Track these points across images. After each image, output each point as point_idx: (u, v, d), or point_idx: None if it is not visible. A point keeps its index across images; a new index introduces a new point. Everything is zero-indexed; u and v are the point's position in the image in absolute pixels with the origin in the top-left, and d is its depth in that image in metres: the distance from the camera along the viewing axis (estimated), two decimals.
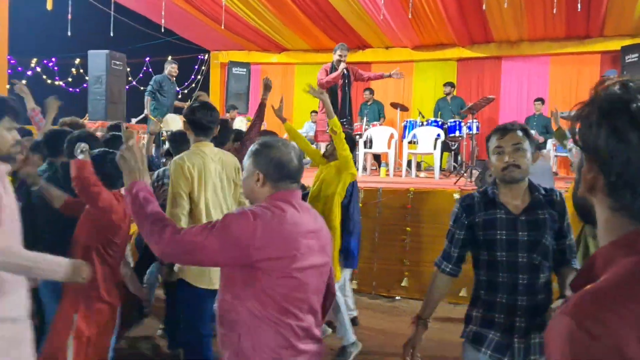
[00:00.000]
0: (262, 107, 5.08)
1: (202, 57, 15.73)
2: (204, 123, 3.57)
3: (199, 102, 3.84)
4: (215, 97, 14.81)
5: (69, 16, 8.89)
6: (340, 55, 7.72)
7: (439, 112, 10.83)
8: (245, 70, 13.67)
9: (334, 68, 7.82)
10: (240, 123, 10.41)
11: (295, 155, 2.11)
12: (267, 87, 5.17)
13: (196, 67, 16.00)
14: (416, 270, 6.43)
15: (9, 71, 10.45)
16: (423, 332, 2.67)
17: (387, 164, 9.51)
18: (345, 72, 7.71)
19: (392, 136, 9.59)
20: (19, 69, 15.59)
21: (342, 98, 7.74)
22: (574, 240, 2.59)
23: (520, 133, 2.47)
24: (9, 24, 9.30)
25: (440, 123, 9.70)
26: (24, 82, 6.31)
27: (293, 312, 2.00)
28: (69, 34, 8.92)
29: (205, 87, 15.42)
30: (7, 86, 9.95)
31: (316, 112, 11.78)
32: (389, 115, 11.57)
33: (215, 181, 3.56)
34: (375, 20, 10.52)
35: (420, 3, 9.50)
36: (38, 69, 16.43)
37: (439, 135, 9.21)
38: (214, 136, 3.71)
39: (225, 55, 14.57)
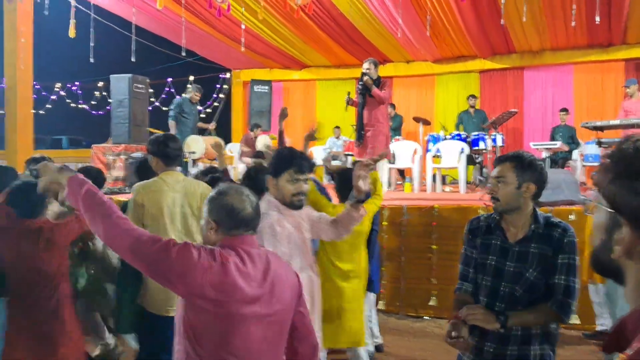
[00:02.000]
0: (281, 136, 5.00)
1: (224, 76, 15.82)
2: (175, 153, 3.67)
3: (164, 134, 3.89)
4: (237, 115, 14.90)
5: (92, 43, 8.99)
6: (363, 68, 7.57)
7: (461, 125, 10.68)
8: (267, 87, 13.72)
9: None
10: (264, 141, 10.39)
11: (249, 203, 2.09)
12: (283, 116, 5.12)
13: (218, 86, 16.11)
14: (444, 288, 6.27)
15: (34, 96, 10.60)
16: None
17: (411, 179, 9.39)
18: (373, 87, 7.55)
19: (415, 151, 9.49)
20: (44, 93, 15.88)
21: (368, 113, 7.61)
22: (574, 282, 2.42)
23: (508, 164, 2.49)
24: (33, 50, 9.50)
25: (463, 136, 9.56)
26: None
27: None
28: (92, 60, 9.00)
29: (227, 105, 15.50)
30: (32, 111, 10.15)
31: (339, 127, 11.76)
32: (412, 129, 11.46)
33: (172, 210, 3.56)
34: (395, 36, 10.45)
35: (439, 17, 9.41)
36: (62, 93, 16.71)
37: (462, 149, 9.08)
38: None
39: (246, 74, 14.64)
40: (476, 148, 9.33)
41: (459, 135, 9.61)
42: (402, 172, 10.22)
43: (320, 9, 9.39)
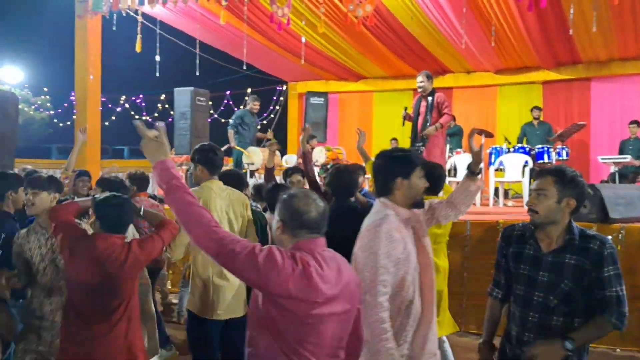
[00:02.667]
0: (305, 156, 4.98)
1: (280, 88, 16.00)
2: (220, 163, 3.88)
3: (209, 144, 4.00)
4: (293, 127, 14.99)
5: (157, 57, 9.25)
6: (417, 82, 7.53)
7: (525, 138, 10.38)
8: (322, 99, 13.75)
9: (420, 97, 7.64)
10: (320, 153, 10.40)
11: (315, 207, 2.19)
12: (307, 134, 5.15)
13: (274, 98, 16.29)
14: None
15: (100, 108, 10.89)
16: (489, 356, 2.81)
17: None
18: (429, 99, 7.50)
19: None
20: (109, 105, 16.48)
21: (422, 124, 7.53)
22: (623, 291, 2.44)
23: (550, 179, 2.52)
24: (101, 64, 9.83)
25: (527, 149, 9.29)
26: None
27: (306, 355, 2.09)
28: (157, 74, 9.26)
29: (283, 117, 15.65)
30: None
31: (396, 139, 11.66)
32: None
33: (220, 215, 3.75)
34: (455, 47, 10.30)
35: (503, 29, 9.21)
36: (127, 106, 17.31)
37: (527, 162, 8.83)
38: None
39: (303, 86, 14.73)
40: (541, 161, 9.05)
41: (522, 148, 9.34)
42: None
43: (379, 21, 9.34)
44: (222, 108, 17.03)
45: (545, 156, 9.04)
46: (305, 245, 2.16)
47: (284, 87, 15.71)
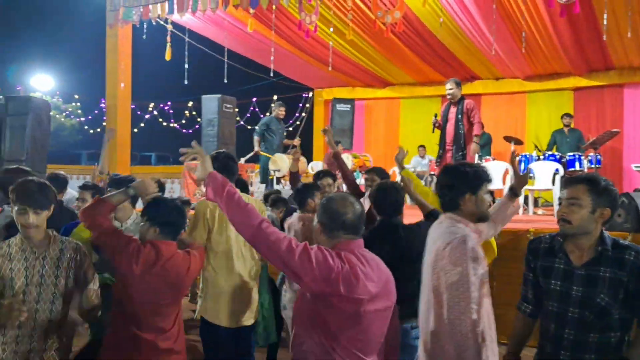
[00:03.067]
0: (338, 158, 5.00)
1: (306, 95, 16.03)
2: (236, 169, 3.88)
3: (224, 151, 3.97)
4: (319, 134, 14.99)
5: (186, 65, 9.36)
6: (447, 89, 7.53)
7: (555, 145, 10.21)
8: (349, 106, 13.73)
9: (448, 103, 7.65)
10: (346, 159, 10.37)
11: (352, 209, 2.30)
12: (330, 134, 5.18)
13: (300, 104, 16.33)
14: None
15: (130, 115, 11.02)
16: None
17: None
18: (458, 106, 7.48)
19: (507, 171, 9.17)
20: (138, 112, 16.71)
21: (454, 133, 7.49)
22: None
23: (583, 187, 2.40)
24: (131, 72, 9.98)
25: (557, 157, 9.14)
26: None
27: (355, 353, 2.18)
28: (186, 82, 9.37)
29: (309, 124, 15.67)
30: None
31: (423, 146, 11.57)
32: (501, 149, 11.11)
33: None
34: (485, 53, 10.21)
35: (533, 35, 9.09)
36: (155, 113, 17.54)
37: (557, 169, 8.68)
38: None
39: (329, 92, 14.73)
40: (572, 169, 8.88)
41: (553, 155, 9.19)
42: (491, 194, 9.88)
43: (408, 27, 9.31)
44: (248, 115, 17.14)
45: (577, 164, 8.88)
46: (346, 246, 2.26)
47: (310, 94, 15.74)
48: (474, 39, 9.57)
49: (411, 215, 4.84)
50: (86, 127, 21.74)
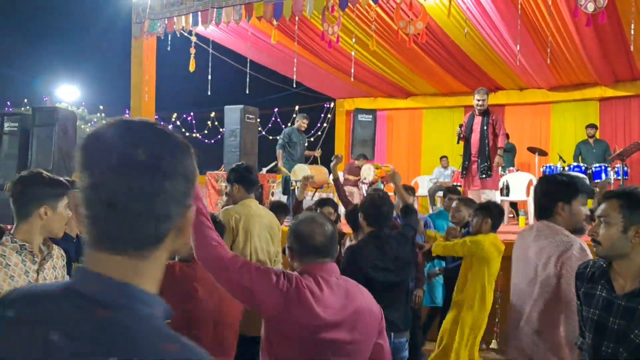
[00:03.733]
0: (337, 184, 5.18)
1: (328, 105, 16.05)
2: (256, 181, 3.99)
3: (244, 163, 4.12)
4: (340, 144, 14.99)
5: (209, 76, 9.44)
6: (477, 99, 7.50)
7: (581, 156, 10.08)
8: (371, 116, 13.71)
9: (472, 114, 7.63)
10: (368, 171, 10.35)
11: (320, 231, 2.18)
12: (338, 162, 5.34)
13: (322, 115, 16.36)
14: None
15: None
16: None
17: (526, 213, 8.98)
18: (485, 117, 7.45)
19: (530, 182, 9.08)
20: (162, 123, 16.84)
21: (479, 143, 7.45)
22: None
23: (615, 202, 2.13)
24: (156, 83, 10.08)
25: (583, 168, 9.02)
26: None
27: None
28: (209, 93, 9.45)
29: (330, 134, 15.68)
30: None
31: (446, 157, 11.50)
32: (525, 160, 11.00)
33: (260, 234, 3.88)
34: (509, 64, 10.13)
35: (558, 45, 9.00)
36: (178, 123, 17.73)
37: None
38: None
39: (350, 103, 14.73)
40: (598, 180, 8.77)
41: (578, 166, 9.08)
42: (515, 205, 9.79)
43: (431, 38, 9.28)
44: (270, 125, 17.22)
45: (603, 175, 8.77)
46: (309, 269, 2.15)
47: (332, 104, 15.76)
48: (497, 50, 9.50)
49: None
50: None
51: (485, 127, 7.46)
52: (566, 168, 9.11)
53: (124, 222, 0.93)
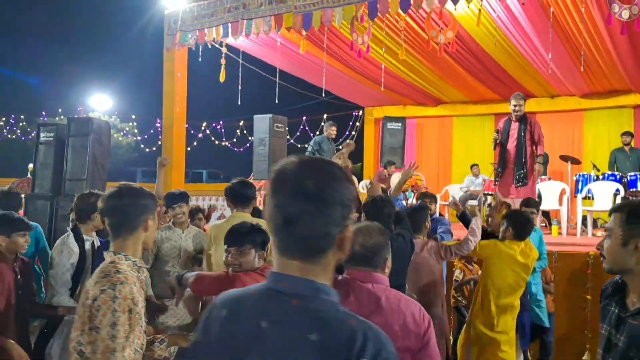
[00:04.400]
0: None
1: (357, 113, 16.06)
2: (245, 196, 4.08)
3: (240, 179, 4.25)
4: (369, 152, 14.97)
5: (239, 86, 9.55)
6: (513, 105, 7.38)
7: (616, 165, 9.88)
8: (400, 124, 13.66)
9: (508, 120, 7.53)
10: (397, 178, 10.29)
11: (361, 241, 2.25)
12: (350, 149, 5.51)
13: (350, 123, 16.37)
14: None
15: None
16: None
17: (558, 222, 8.84)
18: (522, 124, 7.34)
19: (563, 191, 8.96)
20: (192, 131, 17.14)
21: (516, 150, 7.36)
22: None
23: (618, 216, 2.08)
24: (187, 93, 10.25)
25: (618, 177, 8.84)
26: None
27: None
28: (239, 102, 9.57)
29: (359, 142, 15.64)
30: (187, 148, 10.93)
31: (477, 165, 11.39)
32: (557, 168, 10.84)
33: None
34: (540, 72, 10.02)
35: (591, 53, 8.86)
36: (207, 132, 17.95)
37: (617, 190, 8.40)
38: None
39: (379, 111, 14.70)
40: (634, 189, 8.57)
41: (613, 175, 8.90)
42: (547, 215, 9.64)
43: (461, 46, 9.24)
44: (298, 134, 17.30)
45: (639, 184, 8.58)
46: (348, 275, 2.27)
47: (360, 113, 15.75)
48: (529, 58, 9.40)
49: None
50: (142, 145, 22.41)
51: (522, 134, 7.33)
52: (600, 177, 8.95)
53: (296, 236, 1.24)
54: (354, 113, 16.24)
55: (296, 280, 1.24)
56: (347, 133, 16.48)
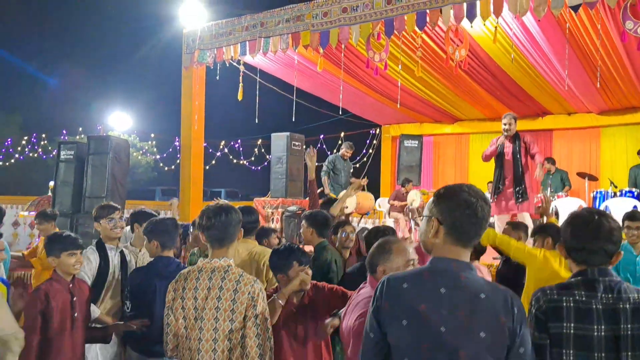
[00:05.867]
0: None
1: (374, 131, 16.09)
2: (249, 226, 4.00)
3: (242, 207, 4.01)
4: (386, 170, 14.97)
5: (257, 105, 9.65)
6: (504, 124, 7.45)
7: (635, 181, 9.78)
8: (417, 142, 13.67)
9: (502, 139, 7.57)
10: (415, 196, 10.29)
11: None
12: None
13: (368, 141, 16.40)
14: None
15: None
16: None
17: None
18: (516, 141, 7.39)
19: (580, 207, 8.85)
20: (210, 150, 17.28)
21: (514, 168, 7.39)
22: None
23: None
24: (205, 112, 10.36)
25: (636, 193, 8.76)
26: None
27: None
28: (257, 121, 9.65)
29: (376, 160, 15.69)
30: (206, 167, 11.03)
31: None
32: (575, 186, 10.75)
33: None
34: (557, 89, 10.00)
35: (608, 69, 8.84)
36: (226, 150, 18.08)
37: (635, 206, 8.30)
38: None
39: (396, 129, 14.74)
40: None
41: (631, 192, 8.82)
42: None
43: (478, 64, 9.27)
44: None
45: None
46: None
47: (377, 131, 15.79)
48: (545, 75, 9.40)
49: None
50: (162, 164, 22.62)
51: (517, 150, 7.41)
52: (617, 193, 8.87)
53: (471, 233, 1.88)
54: (371, 131, 16.29)
55: (459, 262, 1.85)
56: (365, 151, 16.51)
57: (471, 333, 1.74)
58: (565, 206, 9.07)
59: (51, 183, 10.27)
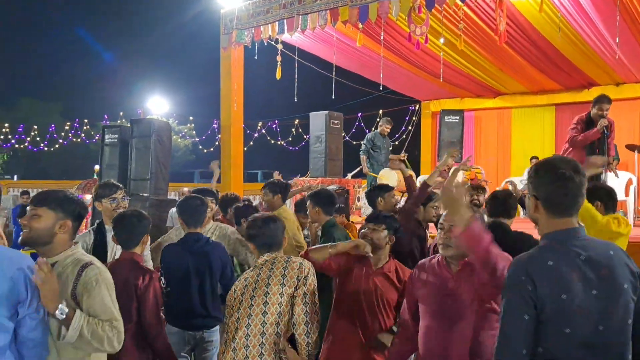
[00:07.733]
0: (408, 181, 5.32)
1: (413, 107, 15.88)
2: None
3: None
4: (426, 147, 14.76)
5: (296, 83, 9.59)
6: (606, 109, 6.77)
7: None
8: (458, 117, 13.41)
9: (589, 120, 6.89)
10: (456, 172, 10.09)
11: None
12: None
13: (407, 117, 16.20)
14: None
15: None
16: None
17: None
18: (605, 129, 6.77)
19: (630, 182, 8.59)
20: (248, 131, 17.35)
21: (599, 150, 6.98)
22: None
23: None
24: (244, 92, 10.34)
25: None
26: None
27: None
28: (295, 99, 9.60)
29: (416, 137, 15.49)
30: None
31: (537, 157, 11.06)
32: (624, 158, 10.40)
33: None
34: (605, 59, 9.63)
35: None
36: (263, 131, 18.13)
37: None
38: None
39: (436, 104, 14.47)
40: None
41: None
42: None
43: (522, 35, 8.99)
44: (353, 130, 17.25)
45: None
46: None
47: (417, 107, 15.56)
48: (593, 45, 9.04)
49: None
50: (201, 147, 22.86)
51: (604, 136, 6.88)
52: None
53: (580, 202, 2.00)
54: (410, 107, 16.08)
55: (572, 230, 1.97)
56: (404, 128, 16.33)
57: (618, 287, 1.90)
58: (613, 180, 8.79)
59: (96, 167, 10.46)
